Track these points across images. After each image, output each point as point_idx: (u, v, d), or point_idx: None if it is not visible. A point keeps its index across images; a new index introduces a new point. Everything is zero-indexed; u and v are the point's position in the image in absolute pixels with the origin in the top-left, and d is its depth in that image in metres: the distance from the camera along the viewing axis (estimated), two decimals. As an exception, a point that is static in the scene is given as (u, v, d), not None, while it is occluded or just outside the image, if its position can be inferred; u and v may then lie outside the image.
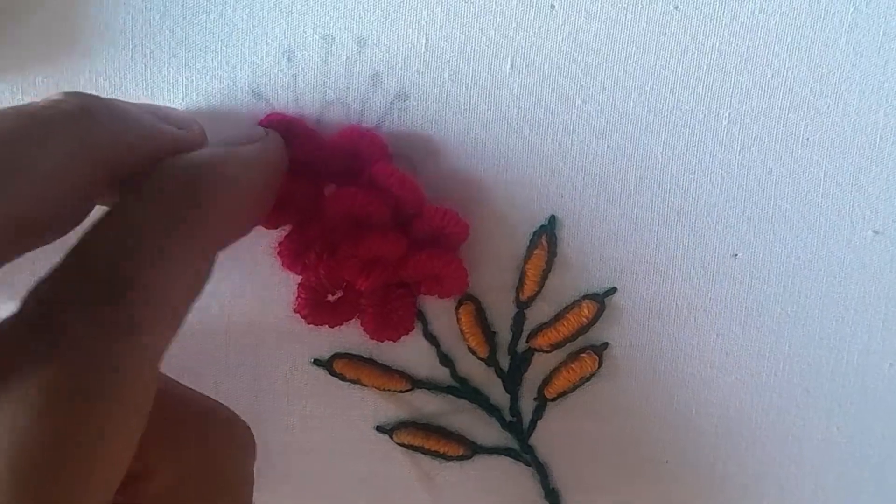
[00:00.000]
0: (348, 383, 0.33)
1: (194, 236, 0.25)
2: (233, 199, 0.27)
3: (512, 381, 0.33)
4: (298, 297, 0.31)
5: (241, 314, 0.33)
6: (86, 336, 0.22)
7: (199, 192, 0.25)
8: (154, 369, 0.24)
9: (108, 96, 0.31)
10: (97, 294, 0.23)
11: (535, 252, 0.32)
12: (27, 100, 0.31)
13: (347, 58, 0.31)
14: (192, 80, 0.31)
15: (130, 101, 0.30)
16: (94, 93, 0.30)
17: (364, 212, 0.29)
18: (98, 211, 0.25)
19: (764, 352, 0.33)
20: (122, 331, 0.22)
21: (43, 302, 0.23)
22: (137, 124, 0.27)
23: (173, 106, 0.31)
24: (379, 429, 0.34)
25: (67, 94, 0.26)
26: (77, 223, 0.26)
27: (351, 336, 0.33)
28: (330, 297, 0.31)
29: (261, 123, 0.31)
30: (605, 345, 0.33)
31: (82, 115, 0.25)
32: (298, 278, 0.31)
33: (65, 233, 0.25)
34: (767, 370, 0.33)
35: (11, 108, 0.25)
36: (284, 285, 0.31)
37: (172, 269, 0.24)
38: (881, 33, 0.31)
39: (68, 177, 0.24)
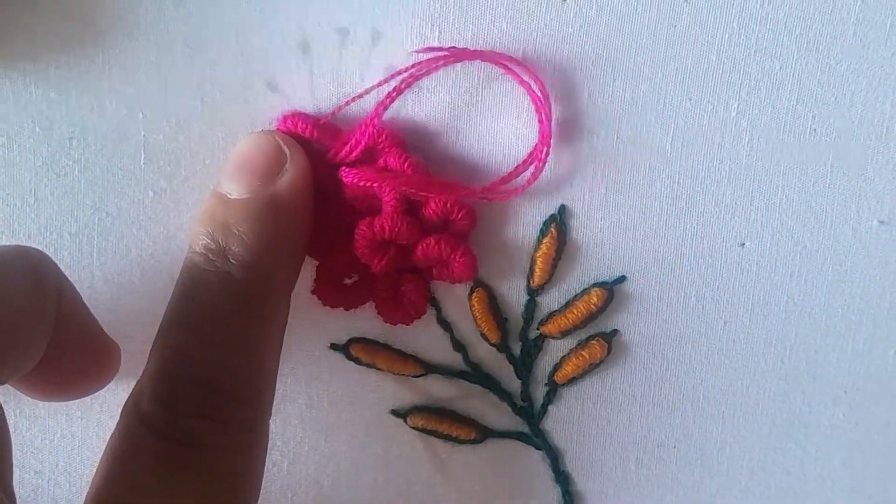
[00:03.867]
0: (364, 367, 0.34)
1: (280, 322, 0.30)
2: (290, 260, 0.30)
3: (523, 366, 0.34)
4: (316, 279, 0.32)
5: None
6: (219, 448, 0.26)
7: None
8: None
9: (121, 86, 0.31)
10: (230, 408, 0.27)
11: (545, 240, 0.32)
12: (39, 91, 0.31)
13: (362, 50, 0.31)
14: (206, 71, 0.31)
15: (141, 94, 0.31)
16: (107, 83, 0.31)
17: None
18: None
19: (771, 339, 0.34)
20: (247, 428, 0.27)
21: (173, 411, 0.26)
22: None
23: (184, 98, 0.31)
24: (394, 412, 0.34)
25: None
26: None
27: (367, 322, 0.33)
28: (346, 281, 0.32)
29: (279, 128, 0.31)
30: (615, 332, 0.34)
31: None
32: (316, 263, 0.32)
33: None
34: (774, 357, 0.34)
35: None
36: (303, 270, 0.31)
37: (275, 361, 0.29)
38: (888, 25, 0.31)
39: None
